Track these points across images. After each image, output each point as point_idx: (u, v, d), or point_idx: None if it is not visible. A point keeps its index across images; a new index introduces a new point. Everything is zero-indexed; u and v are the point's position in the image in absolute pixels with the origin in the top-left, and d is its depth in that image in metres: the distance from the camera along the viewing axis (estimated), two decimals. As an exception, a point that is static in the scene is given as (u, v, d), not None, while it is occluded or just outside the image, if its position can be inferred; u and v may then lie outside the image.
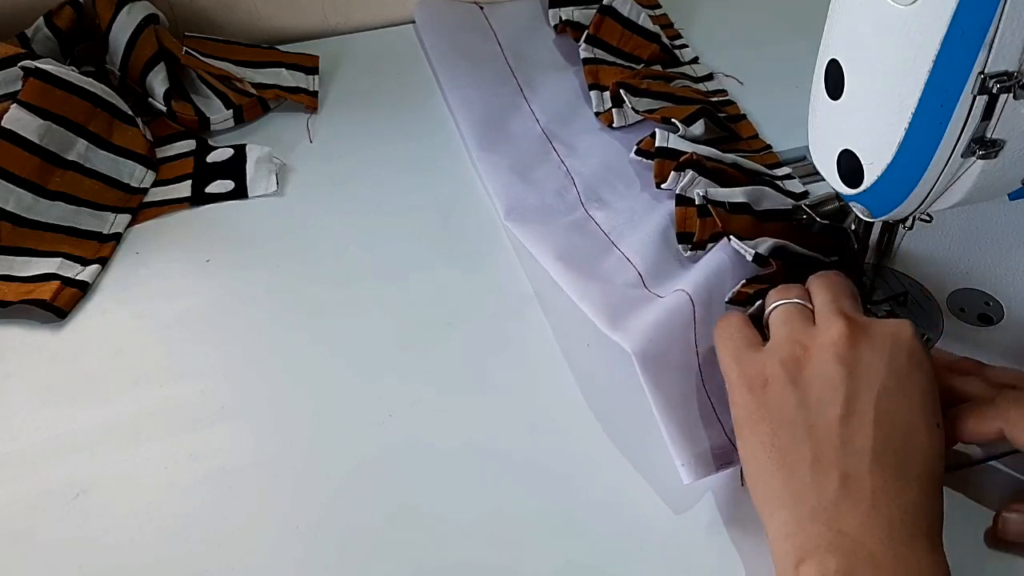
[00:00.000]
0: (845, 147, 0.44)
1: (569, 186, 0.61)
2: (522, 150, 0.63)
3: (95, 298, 0.55)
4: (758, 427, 0.40)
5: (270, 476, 0.46)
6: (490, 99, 0.67)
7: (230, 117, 0.66)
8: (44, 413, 0.48)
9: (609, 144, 0.64)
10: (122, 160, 0.61)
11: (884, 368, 0.40)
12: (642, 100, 0.64)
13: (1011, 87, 0.37)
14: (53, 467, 0.46)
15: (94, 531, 0.43)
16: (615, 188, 0.60)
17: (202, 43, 0.70)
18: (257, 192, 0.61)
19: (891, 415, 0.39)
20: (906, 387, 0.40)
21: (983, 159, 0.40)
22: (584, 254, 0.55)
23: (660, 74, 0.68)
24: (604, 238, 0.57)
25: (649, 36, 0.70)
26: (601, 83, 0.67)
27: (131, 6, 0.65)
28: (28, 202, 0.57)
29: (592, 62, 0.68)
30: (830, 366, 0.40)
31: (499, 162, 0.62)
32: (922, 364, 0.41)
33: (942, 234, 0.57)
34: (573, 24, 0.72)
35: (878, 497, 0.37)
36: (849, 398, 0.39)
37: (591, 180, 0.61)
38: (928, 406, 0.40)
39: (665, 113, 0.62)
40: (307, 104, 0.68)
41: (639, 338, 0.46)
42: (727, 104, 0.68)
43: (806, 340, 0.42)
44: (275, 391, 0.50)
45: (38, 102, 0.58)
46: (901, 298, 0.53)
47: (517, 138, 0.65)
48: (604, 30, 0.69)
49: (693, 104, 0.63)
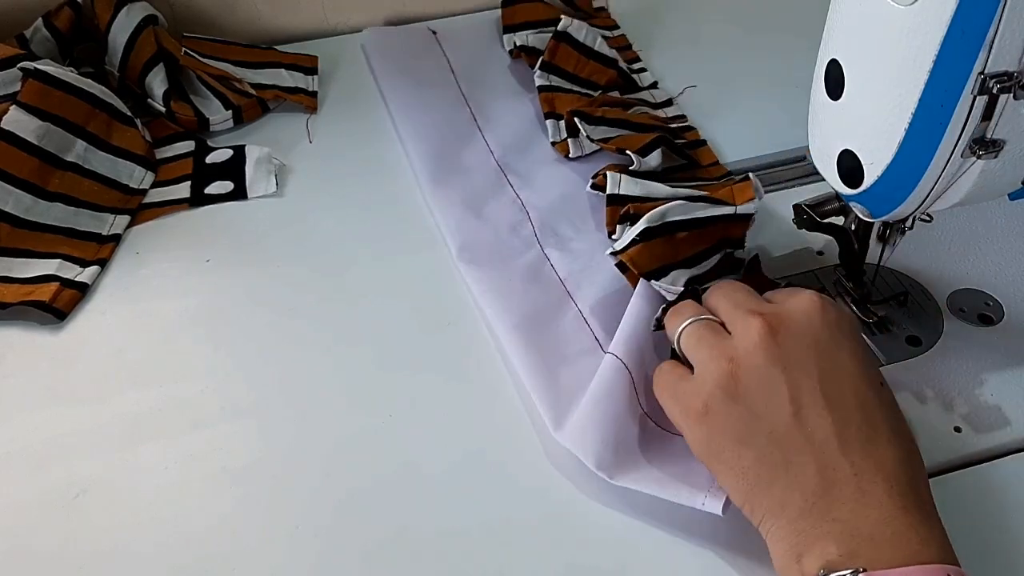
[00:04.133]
0: (845, 147, 0.44)
1: (524, 221, 0.58)
2: (476, 183, 0.61)
3: (95, 298, 0.55)
4: (721, 454, 0.39)
5: (270, 476, 0.46)
6: (443, 128, 0.65)
7: (229, 118, 0.66)
8: (44, 413, 0.48)
9: (566, 176, 0.61)
10: (121, 161, 0.61)
11: (813, 351, 0.40)
12: (598, 128, 0.61)
13: (1011, 87, 0.37)
14: (53, 467, 0.46)
15: (94, 531, 0.43)
16: (572, 222, 0.58)
17: (201, 44, 0.70)
18: (257, 193, 0.61)
19: (839, 393, 0.39)
20: (841, 360, 0.40)
21: (983, 159, 0.40)
22: (540, 315, 0.52)
23: (617, 100, 0.66)
24: (560, 288, 0.54)
25: (606, 61, 0.68)
26: (557, 111, 0.64)
27: (130, 7, 0.66)
28: (27, 203, 0.57)
29: (547, 89, 0.66)
30: (763, 369, 0.39)
31: (452, 196, 0.59)
32: (843, 328, 0.41)
33: (942, 234, 0.57)
34: (528, 49, 0.69)
35: (860, 478, 0.37)
36: (794, 394, 0.39)
37: (547, 214, 0.58)
38: (868, 368, 0.40)
39: (621, 143, 0.59)
40: (306, 104, 0.68)
41: (593, 446, 0.44)
42: (687, 130, 0.65)
43: (728, 352, 0.40)
44: (275, 391, 0.50)
45: (37, 103, 0.58)
46: (901, 298, 0.53)
47: (471, 170, 0.62)
48: (560, 56, 0.67)
49: (650, 131, 0.61)
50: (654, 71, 0.72)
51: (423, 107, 0.67)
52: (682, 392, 0.42)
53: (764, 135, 0.66)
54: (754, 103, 0.69)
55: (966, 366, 0.50)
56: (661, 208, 0.51)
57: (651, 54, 0.74)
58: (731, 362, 0.40)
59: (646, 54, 0.74)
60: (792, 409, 0.38)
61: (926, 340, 0.51)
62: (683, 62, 0.73)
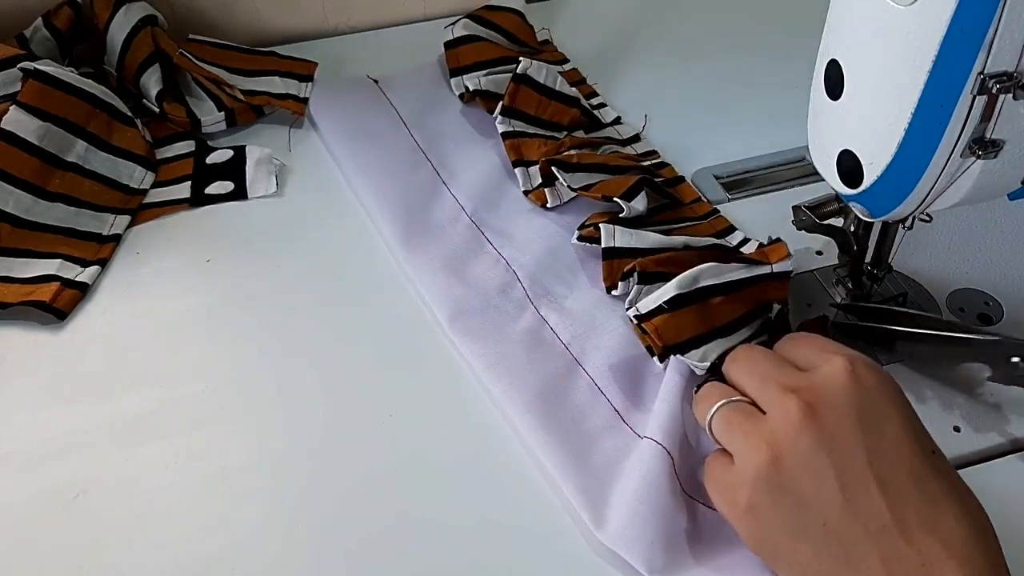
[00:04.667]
0: (845, 147, 0.44)
1: (513, 281, 0.54)
2: (452, 243, 0.57)
3: (95, 298, 0.55)
4: (775, 550, 0.37)
5: (270, 476, 0.46)
6: (406, 187, 0.60)
7: (222, 119, 0.66)
8: (44, 413, 0.48)
9: (546, 227, 0.58)
10: (122, 161, 0.61)
11: (857, 427, 0.36)
12: (575, 176, 0.57)
13: (1011, 87, 0.37)
14: (53, 467, 0.46)
15: (94, 531, 0.43)
16: (563, 278, 0.55)
17: (203, 48, 0.70)
18: (257, 193, 0.61)
19: (892, 472, 0.35)
20: (888, 433, 0.36)
21: (983, 159, 0.40)
22: (551, 389, 0.48)
23: (586, 141, 0.63)
24: (566, 355, 0.50)
25: (568, 100, 0.64)
26: (526, 158, 0.61)
27: (128, 6, 0.66)
28: (28, 203, 0.57)
29: (512, 136, 0.62)
30: (807, 454, 0.36)
31: (430, 261, 0.55)
32: (886, 394, 0.38)
33: (942, 234, 0.57)
34: (482, 93, 0.65)
35: (930, 567, 0.34)
36: (843, 479, 0.35)
37: (536, 271, 0.55)
38: (918, 437, 0.37)
39: (603, 189, 0.56)
40: (293, 111, 0.68)
41: (642, 549, 0.41)
42: (661, 167, 0.62)
43: (766, 437, 0.37)
44: (275, 391, 0.50)
45: (37, 103, 0.58)
46: (901, 298, 0.53)
47: (443, 229, 0.58)
48: (520, 99, 0.63)
49: (628, 173, 0.58)
50: (613, 103, 0.68)
51: (380, 167, 0.62)
52: (725, 485, 0.38)
53: (764, 135, 0.66)
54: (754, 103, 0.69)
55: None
56: (693, 272, 0.48)
57: (608, 87, 0.71)
58: (771, 448, 0.37)
59: (603, 87, 0.70)
60: (843, 497, 0.35)
61: (926, 340, 0.51)
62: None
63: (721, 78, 0.73)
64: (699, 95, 0.71)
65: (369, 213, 0.59)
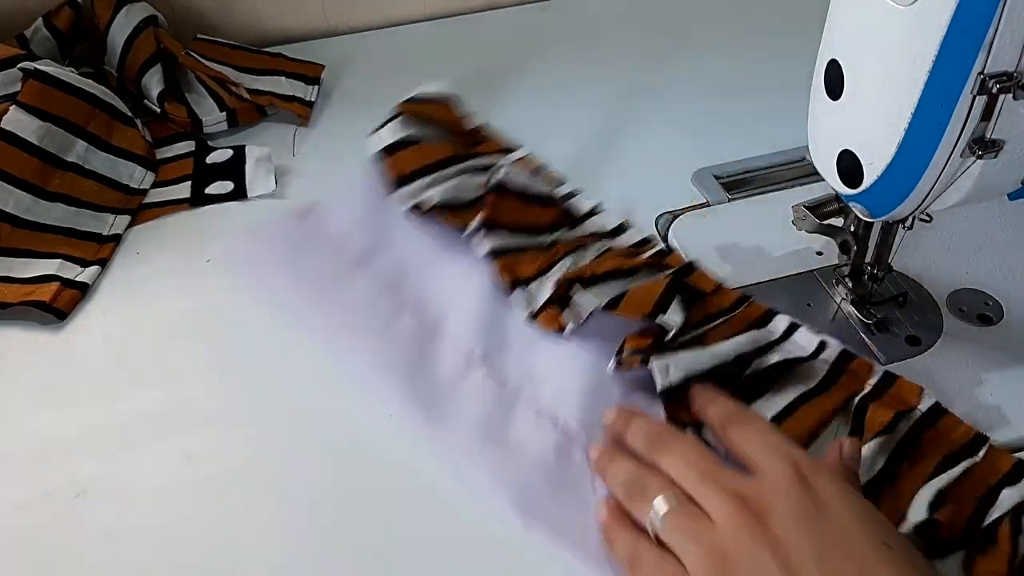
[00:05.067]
0: (845, 147, 0.44)
1: (568, 443, 0.45)
2: (478, 406, 0.47)
3: (95, 298, 0.55)
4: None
5: (270, 475, 0.46)
6: (394, 345, 0.50)
7: (223, 119, 0.66)
8: (44, 413, 0.48)
9: (573, 357, 0.49)
10: (122, 161, 0.61)
11: (805, 533, 0.36)
12: (598, 290, 0.50)
13: (1011, 87, 0.37)
14: (53, 467, 0.46)
15: (94, 531, 0.43)
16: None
17: (211, 47, 0.70)
18: (257, 192, 0.61)
19: (841, 569, 0.35)
20: (836, 533, 0.36)
21: (983, 159, 0.40)
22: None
23: (578, 243, 0.55)
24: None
25: (544, 200, 0.56)
26: (522, 276, 0.52)
27: (129, 7, 0.66)
28: (28, 203, 0.57)
29: (501, 254, 0.53)
30: (757, 560, 0.36)
31: (466, 437, 0.46)
32: (832, 495, 0.37)
33: (942, 234, 0.57)
34: (444, 205, 0.55)
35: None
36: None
37: (589, 420, 0.46)
38: (866, 531, 0.36)
39: (633, 304, 0.48)
40: (298, 113, 0.68)
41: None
42: (665, 254, 0.55)
43: (714, 541, 0.37)
44: (275, 391, 0.50)
45: (37, 103, 0.58)
46: (901, 298, 0.53)
47: (458, 388, 0.48)
48: (500, 210, 0.54)
49: (647, 276, 0.52)
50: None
51: (353, 327, 0.51)
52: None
53: (764, 135, 0.66)
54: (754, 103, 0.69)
55: (966, 366, 0.50)
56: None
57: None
58: (723, 557, 0.36)
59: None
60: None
61: (926, 340, 0.51)
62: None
63: (721, 78, 0.73)
64: (699, 95, 0.71)
65: (358, 377, 0.49)
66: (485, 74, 0.75)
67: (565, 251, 0.54)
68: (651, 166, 0.65)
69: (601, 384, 0.48)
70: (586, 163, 0.65)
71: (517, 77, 0.74)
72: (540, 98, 0.72)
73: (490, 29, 0.81)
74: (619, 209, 0.59)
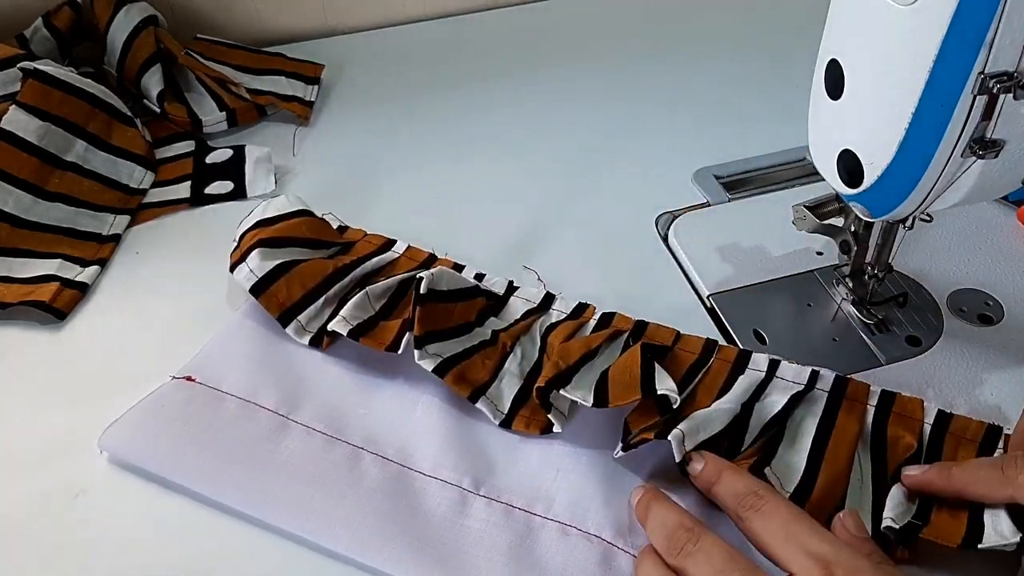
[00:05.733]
0: (845, 147, 0.44)
1: (609, 551, 0.42)
2: (496, 535, 0.42)
3: (95, 298, 0.55)
4: None
5: (270, 476, 0.46)
6: (366, 502, 0.43)
7: (223, 119, 0.66)
8: (44, 413, 0.48)
9: (570, 456, 0.45)
10: (121, 161, 0.61)
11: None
12: (570, 389, 0.45)
13: (1011, 87, 0.37)
14: (53, 467, 0.46)
15: (94, 531, 0.43)
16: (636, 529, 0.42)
17: (211, 47, 0.70)
18: (256, 192, 0.61)
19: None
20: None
21: (983, 159, 0.40)
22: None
23: (521, 329, 0.51)
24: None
25: (469, 293, 0.51)
26: (476, 382, 0.47)
27: (129, 7, 0.66)
28: (27, 203, 0.57)
29: (447, 366, 0.47)
30: None
31: (489, 568, 0.41)
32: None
33: (942, 234, 0.57)
34: (355, 328, 0.49)
35: None
36: None
37: (616, 522, 0.43)
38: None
39: (621, 390, 0.44)
40: (298, 113, 0.68)
41: None
42: (610, 317, 0.51)
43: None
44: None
45: (37, 103, 0.58)
46: (901, 298, 0.53)
47: (461, 524, 0.42)
48: (430, 320, 0.48)
49: (608, 348, 0.49)
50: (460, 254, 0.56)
51: (313, 495, 0.43)
52: None
53: (764, 135, 0.66)
54: (755, 103, 0.69)
55: (966, 366, 0.50)
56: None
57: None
58: None
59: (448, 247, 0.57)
60: None
61: (926, 340, 0.51)
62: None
63: (721, 78, 0.73)
64: (699, 95, 0.71)
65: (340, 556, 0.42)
66: (485, 74, 0.75)
67: (511, 342, 0.50)
68: (651, 166, 0.65)
69: (613, 476, 0.44)
70: (586, 163, 0.65)
71: (517, 77, 0.74)
72: (540, 98, 0.72)
73: (490, 29, 0.81)
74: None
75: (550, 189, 0.63)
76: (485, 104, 0.71)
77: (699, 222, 0.60)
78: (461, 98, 0.72)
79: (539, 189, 0.63)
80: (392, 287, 0.51)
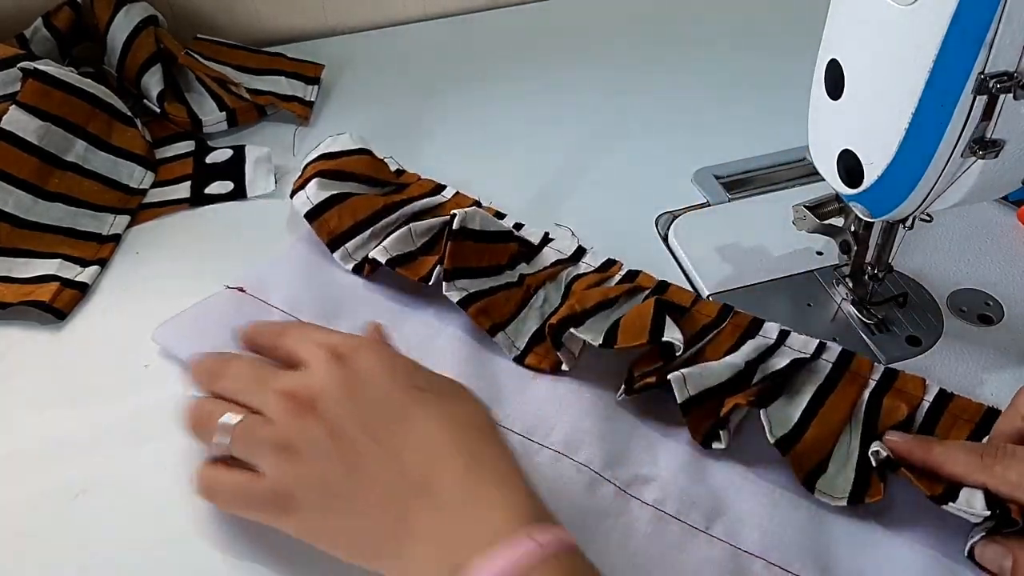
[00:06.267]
0: (845, 147, 0.44)
1: (596, 480, 0.45)
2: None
3: (95, 298, 0.55)
4: (325, 535, 0.39)
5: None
6: None
7: (223, 119, 0.66)
8: (44, 413, 0.48)
9: (575, 394, 0.48)
10: (121, 161, 0.61)
11: (343, 397, 0.39)
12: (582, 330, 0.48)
13: (1011, 87, 0.37)
14: (53, 467, 0.46)
15: (94, 531, 0.43)
16: (637, 449, 0.46)
17: (210, 47, 0.70)
18: (256, 192, 0.61)
19: (378, 421, 0.38)
20: (368, 390, 0.39)
21: (983, 159, 0.40)
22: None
23: (548, 275, 0.54)
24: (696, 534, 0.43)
25: (502, 237, 0.54)
26: (498, 318, 0.50)
27: (129, 7, 0.66)
28: (27, 203, 0.57)
29: (472, 300, 0.50)
30: (312, 441, 0.38)
31: None
32: (368, 355, 0.40)
33: (942, 234, 0.57)
34: (395, 259, 0.53)
35: (407, 472, 0.37)
36: (342, 450, 0.38)
37: (609, 456, 0.45)
38: (398, 377, 0.40)
39: (629, 335, 0.47)
40: (298, 113, 0.68)
41: None
42: (634, 275, 0.54)
43: (277, 437, 0.39)
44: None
45: (37, 103, 0.58)
46: (901, 298, 0.53)
47: None
48: (462, 256, 0.51)
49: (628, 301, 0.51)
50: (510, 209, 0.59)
51: None
52: (263, 494, 0.39)
53: (764, 135, 0.66)
54: (754, 103, 0.69)
55: (966, 366, 0.50)
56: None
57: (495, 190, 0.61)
58: (287, 451, 0.39)
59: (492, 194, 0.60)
60: (347, 464, 0.38)
61: (926, 340, 0.51)
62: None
63: (721, 78, 0.73)
64: (699, 95, 0.71)
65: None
66: (485, 74, 0.75)
67: (536, 285, 0.53)
68: (651, 166, 0.65)
69: (612, 417, 0.47)
70: (586, 163, 0.65)
71: (517, 77, 0.74)
72: (540, 98, 0.72)
73: (490, 29, 0.81)
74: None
75: (550, 189, 0.63)
76: (485, 104, 0.71)
77: (699, 222, 0.60)
78: (461, 98, 0.72)
79: (539, 189, 0.63)
80: (435, 227, 0.55)
